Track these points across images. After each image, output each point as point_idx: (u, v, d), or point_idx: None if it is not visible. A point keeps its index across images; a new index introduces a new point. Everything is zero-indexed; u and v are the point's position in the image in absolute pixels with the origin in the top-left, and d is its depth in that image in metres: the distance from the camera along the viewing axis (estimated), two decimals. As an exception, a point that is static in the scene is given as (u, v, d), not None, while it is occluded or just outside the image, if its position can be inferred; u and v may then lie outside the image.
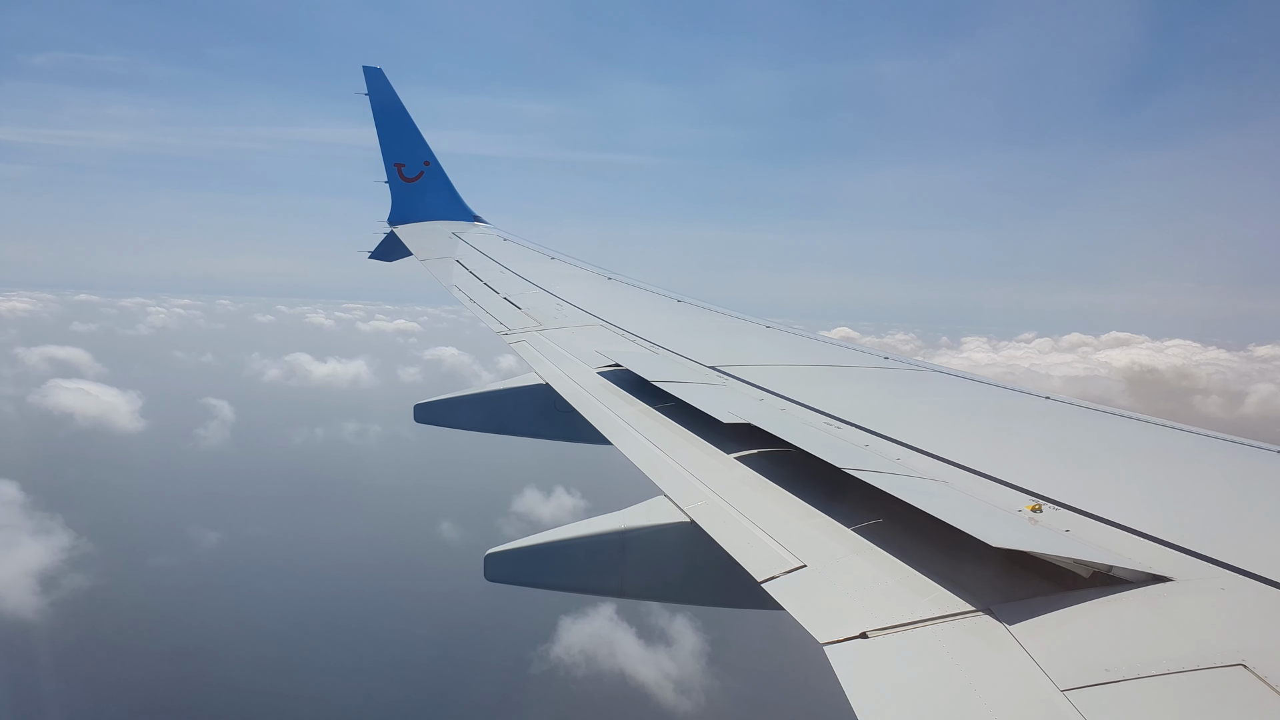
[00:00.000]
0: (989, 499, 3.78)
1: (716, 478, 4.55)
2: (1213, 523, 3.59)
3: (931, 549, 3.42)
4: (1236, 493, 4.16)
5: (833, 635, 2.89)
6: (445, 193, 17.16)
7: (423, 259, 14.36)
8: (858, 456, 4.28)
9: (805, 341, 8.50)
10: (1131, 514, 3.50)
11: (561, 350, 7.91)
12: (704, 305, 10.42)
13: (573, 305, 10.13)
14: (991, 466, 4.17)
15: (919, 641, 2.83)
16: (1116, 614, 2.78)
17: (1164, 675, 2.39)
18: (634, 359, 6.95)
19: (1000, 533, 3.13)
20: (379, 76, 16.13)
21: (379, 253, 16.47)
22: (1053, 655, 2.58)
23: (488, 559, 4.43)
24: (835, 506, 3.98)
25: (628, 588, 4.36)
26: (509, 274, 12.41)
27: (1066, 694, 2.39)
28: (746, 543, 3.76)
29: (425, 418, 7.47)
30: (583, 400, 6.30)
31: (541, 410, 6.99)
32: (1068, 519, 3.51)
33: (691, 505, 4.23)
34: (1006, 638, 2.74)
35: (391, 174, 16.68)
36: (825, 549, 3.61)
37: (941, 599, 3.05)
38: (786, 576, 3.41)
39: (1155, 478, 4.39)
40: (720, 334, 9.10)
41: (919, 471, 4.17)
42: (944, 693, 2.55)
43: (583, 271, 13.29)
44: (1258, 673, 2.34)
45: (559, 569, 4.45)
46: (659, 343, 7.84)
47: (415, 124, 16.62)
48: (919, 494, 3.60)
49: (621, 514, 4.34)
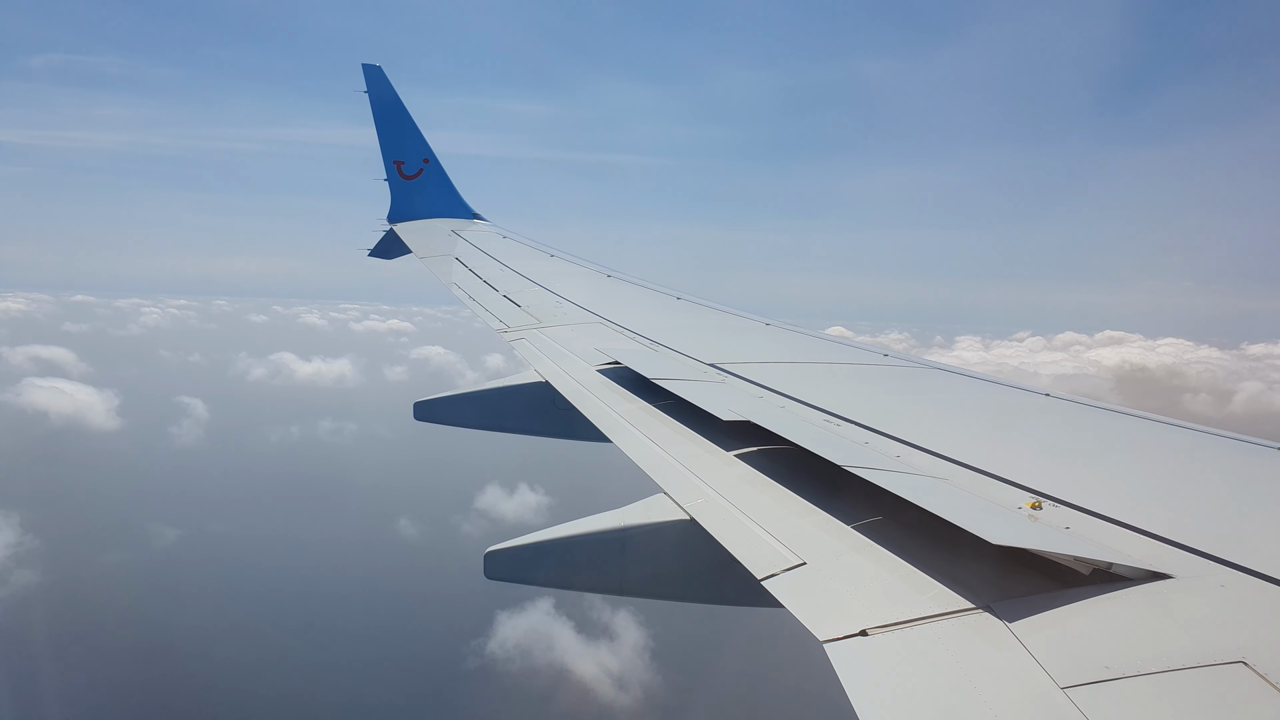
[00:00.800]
0: (989, 496, 3.78)
1: (716, 475, 4.55)
2: (1213, 520, 3.59)
3: (931, 546, 3.42)
4: (1237, 490, 4.15)
5: (833, 633, 2.89)
6: (444, 190, 17.14)
7: (422, 256, 14.35)
8: (857, 454, 4.28)
9: (805, 339, 8.50)
10: (1132, 511, 3.49)
11: (561, 348, 7.90)
12: (703, 303, 10.41)
13: (572, 303, 10.12)
14: (991, 464, 4.16)
15: (919, 639, 2.82)
16: (1117, 611, 2.77)
17: (1164, 673, 2.39)
18: (633, 356, 6.94)
19: (1000, 530, 3.13)
20: (378, 74, 16.10)
21: (379, 250, 16.46)
22: (1053, 653, 2.58)
23: (487, 557, 4.43)
24: (835, 504, 3.98)
25: (627, 585, 4.36)
26: (508, 271, 12.40)
27: (1067, 691, 2.38)
28: (746, 540, 3.76)
29: (425, 415, 7.46)
30: (582, 398, 6.30)
31: (541, 408, 6.98)
32: (1068, 516, 3.50)
33: (691, 503, 4.23)
34: (1007, 635, 2.74)
35: (391, 171, 16.67)
36: (825, 546, 3.61)
37: (941, 596, 3.05)
38: (786, 574, 3.41)
39: (1155, 475, 4.38)
40: (720, 331, 9.09)
41: (919, 469, 4.17)
42: (944, 690, 2.55)
43: (582, 269, 13.29)
44: (1258, 670, 2.33)
45: (558, 567, 4.45)
46: (658, 340, 7.84)
47: (414, 121, 16.61)
48: (919, 491, 3.60)
49: (621, 512, 4.34)
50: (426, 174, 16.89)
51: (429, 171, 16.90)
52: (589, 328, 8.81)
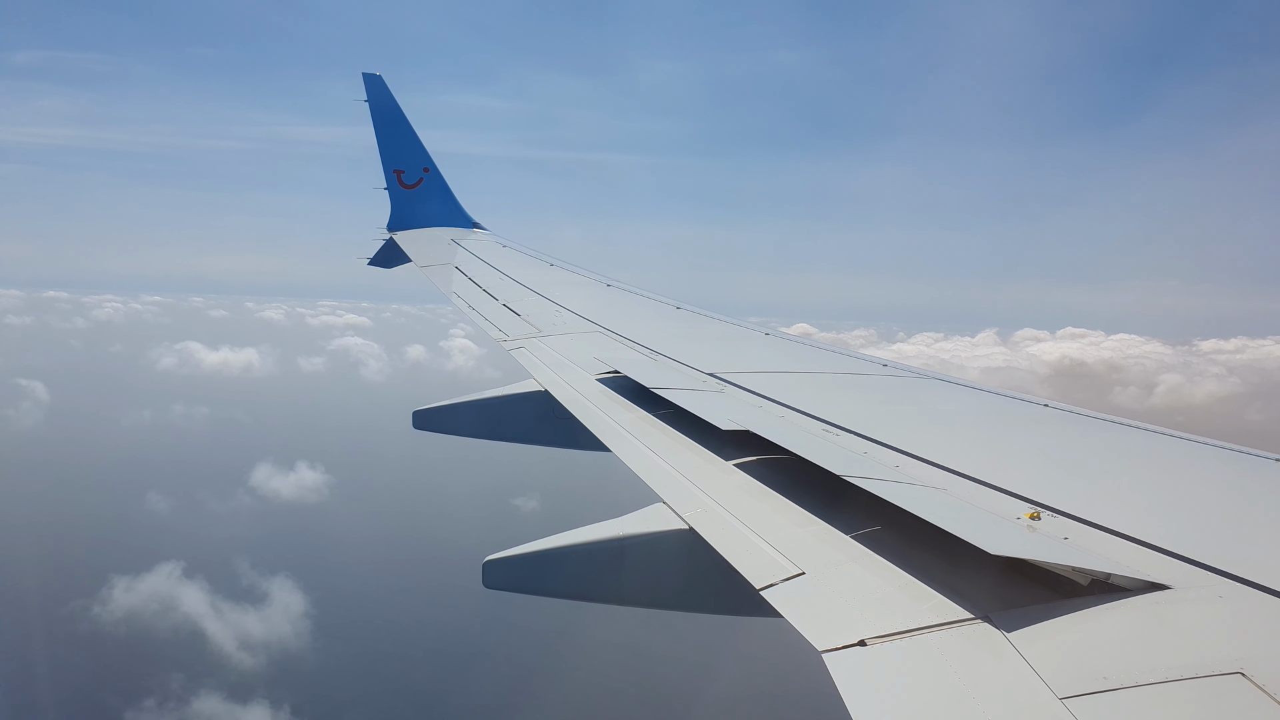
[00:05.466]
0: (987, 506, 3.78)
1: (715, 484, 4.55)
2: (1212, 531, 3.59)
3: (930, 556, 3.42)
4: (1235, 501, 4.15)
5: (831, 643, 2.89)
6: (444, 199, 17.16)
7: (422, 265, 14.36)
8: (856, 463, 4.28)
9: (804, 348, 8.51)
10: (1130, 522, 3.49)
11: (560, 357, 7.91)
12: (703, 312, 10.42)
13: (571, 312, 10.13)
14: (990, 474, 4.16)
15: (918, 649, 2.82)
16: (1115, 622, 2.77)
17: (1162, 683, 2.39)
18: (633, 365, 6.95)
19: (999, 540, 3.13)
20: (378, 83, 16.12)
21: (378, 259, 16.44)
22: (1051, 663, 2.58)
23: (486, 566, 4.42)
24: (834, 513, 3.98)
25: (626, 595, 4.35)
26: (508, 280, 12.41)
27: (1065, 702, 2.39)
28: (745, 550, 3.75)
29: (424, 424, 7.47)
30: (581, 407, 6.30)
31: (540, 417, 6.99)
32: (1066, 526, 3.50)
33: (690, 512, 4.23)
34: (1005, 645, 2.74)
35: (391, 180, 16.67)
36: (824, 556, 3.61)
37: (940, 606, 3.05)
38: (785, 584, 3.41)
39: (1154, 485, 4.39)
40: (719, 341, 9.10)
41: (918, 479, 4.17)
42: (943, 700, 2.55)
43: (581, 278, 13.30)
44: (1256, 681, 2.34)
45: (557, 576, 4.44)
46: (658, 349, 7.84)
47: (414, 130, 16.62)
48: (918, 501, 3.60)
49: (620, 521, 4.34)
50: (427, 183, 16.90)
51: (429, 180, 16.91)
52: (588, 337, 8.82)
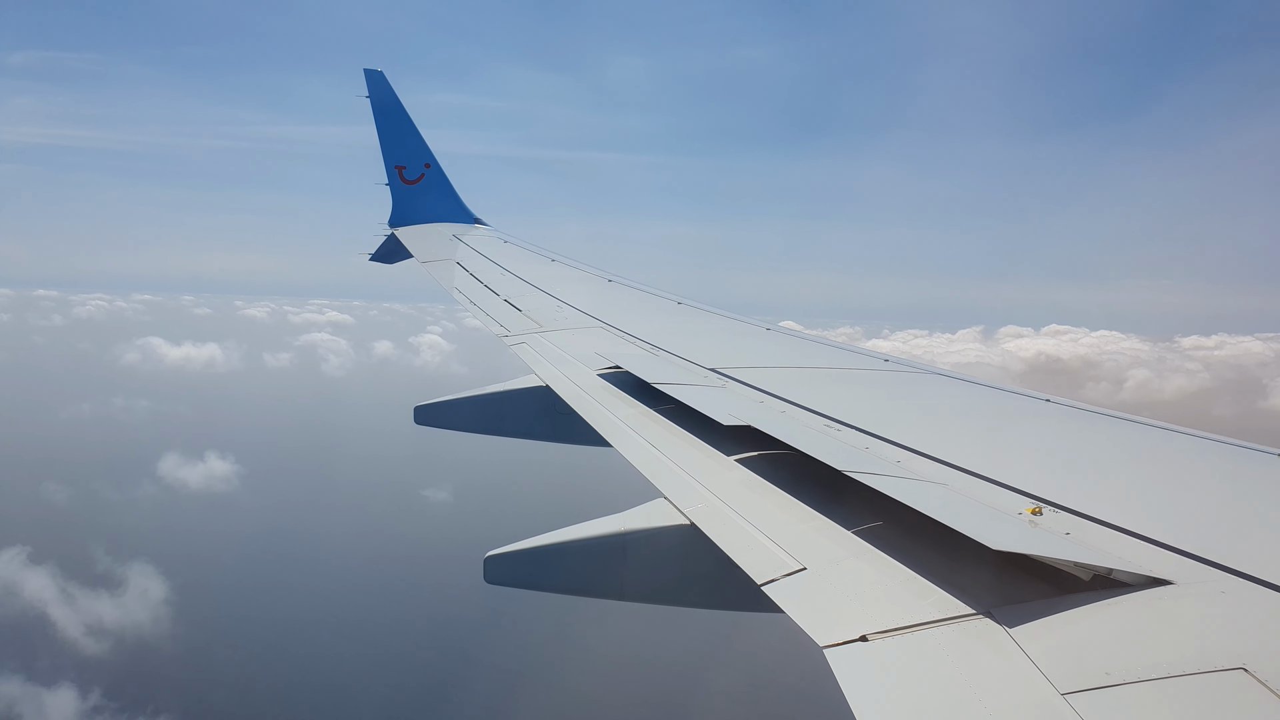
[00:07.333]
0: (989, 502, 3.78)
1: (716, 480, 4.54)
2: (1213, 526, 3.59)
3: (932, 552, 3.41)
4: (1237, 496, 4.15)
5: (833, 638, 2.89)
6: (446, 195, 17.14)
7: (423, 261, 14.36)
8: (858, 459, 4.28)
9: (806, 344, 8.50)
10: (1132, 517, 3.49)
11: (561, 352, 7.90)
12: (704, 308, 10.42)
13: (573, 307, 10.12)
14: (991, 469, 4.16)
15: (919, 644, 2.82)
16: (1117, 617, 2.77)
17: (1164, 679, 2.39)
18: (634, 361, 6.94)
19: (1000, 535, 3.13)
20: (380, 79, 16.10)
21: (380, 255, 16.44)
22: (1053, 658, 2.57)
23: (487, 561, 4.42)
24: (835, 509, 3.98)
25: (627, 590, 4.36)
26: (509, 276, 12.41)
27: (1067, 697, 2.38)
28: (746, 545, 3.75)
29: (425, 419, 7.48)
30: (582, 402, 6.30)
31: (542, 412, 6.98)
32: (1068, 522, 3.50)
33: (691, 507, 4.22)
34: (1007, 641, 2.73)
35: (392, 176, 16.66)
36: (825, 551, 3.61)
37: (942, 602, 3.05)
38: (786, 579, 3.41)
39: (1156, 480, 4.38)
40: (720, 336, 9.10)
41: (919, 474, 4.17)
42: (944, 696, 2.54)
43: (582, 273, 13.30)
44: (1258, 676, 2.33)
45: (558, 572, 4.45)
46: (659, 345, 7.84)
47: (416, 126, 16.60)
48: (919, 497, 3.60)
49: (621, 516, 4.34)
50: (428, 179, 16.88)
51: (430, 176, 16.90)
52: (589, 332, 8.82)
